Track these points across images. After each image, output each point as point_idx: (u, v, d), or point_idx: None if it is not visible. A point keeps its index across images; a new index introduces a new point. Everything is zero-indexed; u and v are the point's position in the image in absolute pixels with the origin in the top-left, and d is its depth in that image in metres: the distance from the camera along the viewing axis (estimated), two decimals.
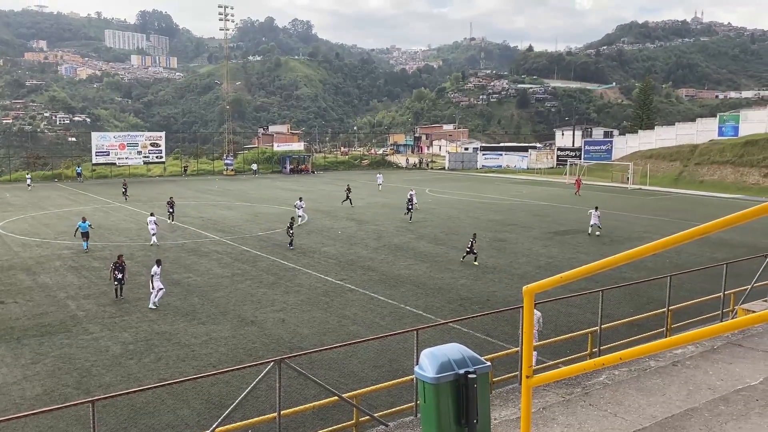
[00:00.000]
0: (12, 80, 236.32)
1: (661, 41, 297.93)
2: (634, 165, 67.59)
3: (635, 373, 10.17)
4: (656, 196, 55.47)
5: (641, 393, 9.32)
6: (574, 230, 34.78)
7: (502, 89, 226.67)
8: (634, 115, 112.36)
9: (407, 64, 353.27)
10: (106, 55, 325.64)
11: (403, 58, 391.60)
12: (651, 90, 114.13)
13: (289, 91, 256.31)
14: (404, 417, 9.87)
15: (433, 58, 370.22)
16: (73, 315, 18.95)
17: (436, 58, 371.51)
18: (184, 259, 26.88)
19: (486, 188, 61.00)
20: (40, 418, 11.77)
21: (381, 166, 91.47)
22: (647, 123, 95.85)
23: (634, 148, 79.79)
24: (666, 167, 70.99)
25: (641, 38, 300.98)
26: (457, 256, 27.73)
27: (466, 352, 6.40)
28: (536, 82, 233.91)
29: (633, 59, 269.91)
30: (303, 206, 36.47)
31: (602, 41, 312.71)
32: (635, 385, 9.66)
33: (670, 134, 77.76)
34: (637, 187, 63.22)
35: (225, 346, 16.35)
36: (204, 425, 10.82)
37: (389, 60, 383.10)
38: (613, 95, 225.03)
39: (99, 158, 71.43)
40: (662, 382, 9.72)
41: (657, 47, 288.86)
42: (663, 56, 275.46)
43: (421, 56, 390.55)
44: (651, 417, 8.46)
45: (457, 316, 18.00)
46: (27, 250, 28.50)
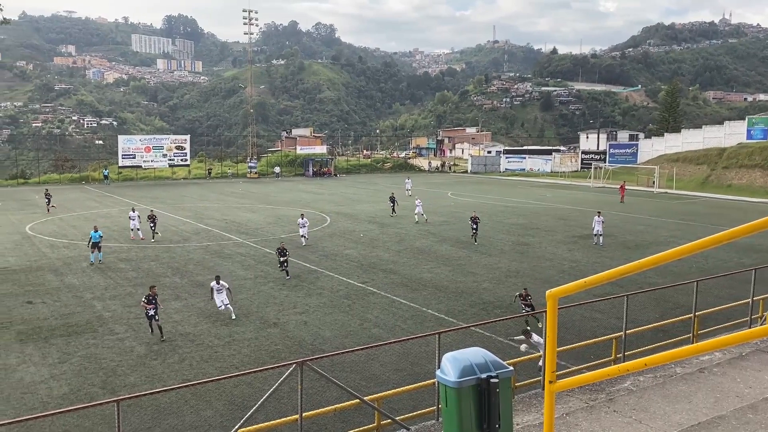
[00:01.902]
0: (41, 84, 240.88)
1: (688, 43, 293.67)
2: (660, 168, 66.66)
3: (661, 379, 10.02)
4: (682, 200, 54.66)
5: (667, 400, 9.18)
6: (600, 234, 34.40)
7: (526, 92, 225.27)
8: (660, 118, 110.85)
9: (430, 67, 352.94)
10: (132, 59, 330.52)
11: (426, 61, 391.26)
12: (677, 92, 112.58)
13: (312, 94, 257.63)
14: (426, 421, 9.84)
15: (456, 61, 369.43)
16: (99, 315, 19.24)
17: (459, 61, 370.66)
18: (208, 261, 27.14)
19: (509, 192, 60.63)
20: (67, 417, 11.96)
21: (403, 170, 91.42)
22: (674, 126, 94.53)
23: (660, 151, 78.73)
24: (693, 171, 69.93)
25: (667, 40, 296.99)
26: (479, 260, 27.62)
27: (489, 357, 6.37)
28: (560, 84, 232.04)
29: (659, 61, 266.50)
30: (306, 224, 31.22)
31: (627, 43, 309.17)
32: (661, 391, 9.52)
33: (697, 137, 76.60)
34: (662, 190, 62.36)
35: (248, 348, 16.46)
36: (227, 426, 10.89)
37: (412, 63, 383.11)
38: (638, 98, 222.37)
39: (125, 161, 72.42)
40: (688, 389, 9.56)
41: (684, 49, 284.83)
42: (690, 58, 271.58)
43: (444, 59, 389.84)
44: (677, 424, 8.34)
45: (480, 320, 17.90)
46: (55, 252, 28.99)
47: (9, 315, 19.19)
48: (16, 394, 13.49)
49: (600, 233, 31.43)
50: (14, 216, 41.07)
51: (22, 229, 35.62)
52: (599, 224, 31.42)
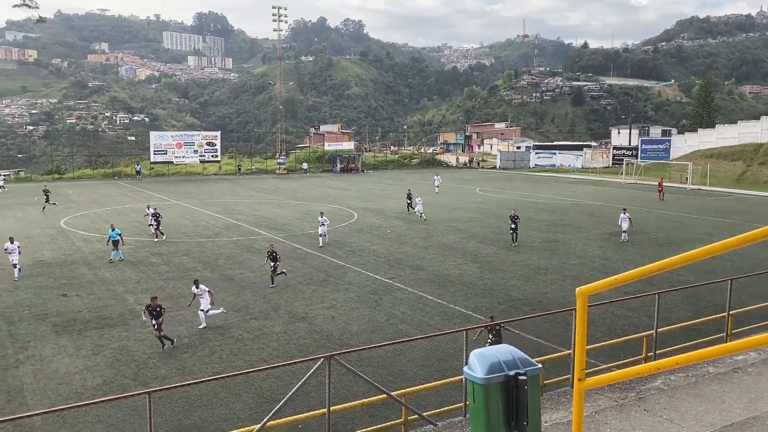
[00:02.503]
0: (76, 81, 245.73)
1: (724, 36, 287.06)
2: (694, 165, 65.38)
3: (693, 379, 9.86)
4: (717, 197, 53.55)
5: (699, 399, 9.03)
6: (630, 231, 33.89)
7: (556, 87, 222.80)
8: (693, 113, 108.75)
9: (458, 62, 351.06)
10: (164, 56, 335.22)
11: (455, 56, 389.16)
12: (712, 87, 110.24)
13: (341, 90, 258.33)
14: (453, 417, 9.83)
15: (485, 56, 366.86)
16: (132, 309, 19.59)
17: (488, 55, 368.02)
18: (238, 256, 27.44)
19: (539, 188, 60.08)
20: (100, 408, 12.22)
21: (431, 165, 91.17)
22: (708, 121, 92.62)
23: (694, 147, 77.20)
24: (727, 167, 68.43)
25: (702, 34, 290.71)
26: (507, 257, 27.45)
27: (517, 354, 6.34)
28: (591, 79, 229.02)
29: (693, 55, 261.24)
30: (326, 223, 29.92)
31: (660, 37, 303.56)
32: (693, 391, 9.37)
33: (733, 133, 74.89)
34: (696, 187, 61.16)
35: (276, 342, 16.61)
36: (255, 419, 11.01)
37: (440, 58, 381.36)
38: (671, 93, 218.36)
39: (157, 157, 73.51)
40: (721, 389, 9.39)
41: (719, 43, 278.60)
42: (725, 52, 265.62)
43: (473, 54, 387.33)
44: (709, 425, 8.20)
45: (508, 318, 17.80)
46: (88, 246, 29.58)
47: (45, 307, 19.67)
48: (51, 385, 13.82)
49: (626, 230, 31.07)
50: (50, 210, 41.98)
51: (57, 223, 36.41)
52: (626, 221, 31.10)
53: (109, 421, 11.97)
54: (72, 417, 12.00)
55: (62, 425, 11.78)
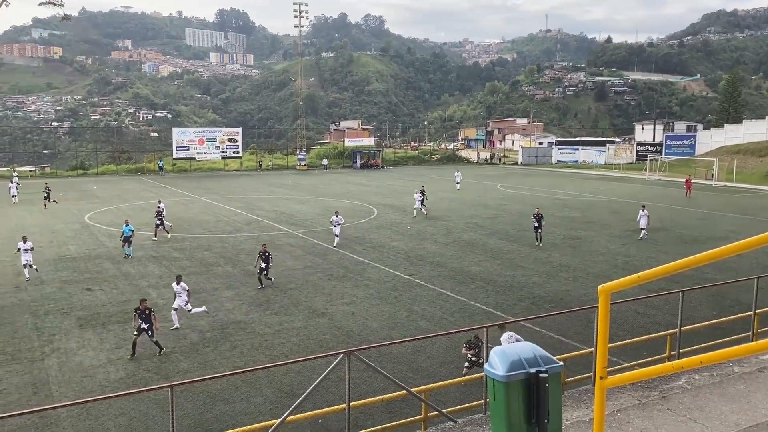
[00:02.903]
0: (100, 78, 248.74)
1: (752, 30, 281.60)
2: (719, 161, 64.35)
3: (717, 378, 9.72)
4: (743, 194, 52.65)
5: (724, 399, 8.90)
6: (655, 228, 33.46)
7: (579, 82, 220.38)
8: (720, 109, 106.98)
9: (480, 58, 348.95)
10: (186, 52, 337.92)
11: (476, 52, 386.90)
12: (739, 82, 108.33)
13: (361, 86, 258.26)
14: (473, 414, 9.79)
15: (507, 51, 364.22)
16: (154, 303, 19.77)
17: (510, 50, 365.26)
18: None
19: (561, 184, 59.59)
20: (123, 401, 12.39)
21: (451, 161, 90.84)
22: (734, 116, 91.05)
23: (720, 143, 75.98)
24: (755, 163, 67.22)
25: (729, 27, 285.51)
26: (529, 254, 27.27)
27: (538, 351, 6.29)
28: (615, 74, 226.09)
29: (720, 50, 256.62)
30: (341, 222, 29.19)
31: (686, 31, 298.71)
32: (717, 390, 9.23)
33: (761, 128, 73.57)
34: (722, 184, 60.20)
35: (297, 337, 16.70)
36: (276, 413, 11.08)
37: (462, 53, 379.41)
38: (697, 88, 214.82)
39: (179, 153, 74.19)
40: (747, 389, 9.24)
41: (747, 36, 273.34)
42: (753, 46, 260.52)
43: (495, 49, 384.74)
44: (734, 425, 8.07)
45: (529, 315, 17.70)
46: (112, 241, 29.96)
47: (70, 301, 19.97)
48: (76, 377, 14.04)
49: (644, 227, 30.74)
50: (74, 206, 42.64)
51: (82, 218, 36.94)
52: (644, 218, 30.81)
53: (132, 414, 12.13)
54: (96, 409, 12.17)
55: (86, 417, 11.97)
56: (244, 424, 10.58)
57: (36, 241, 29.61)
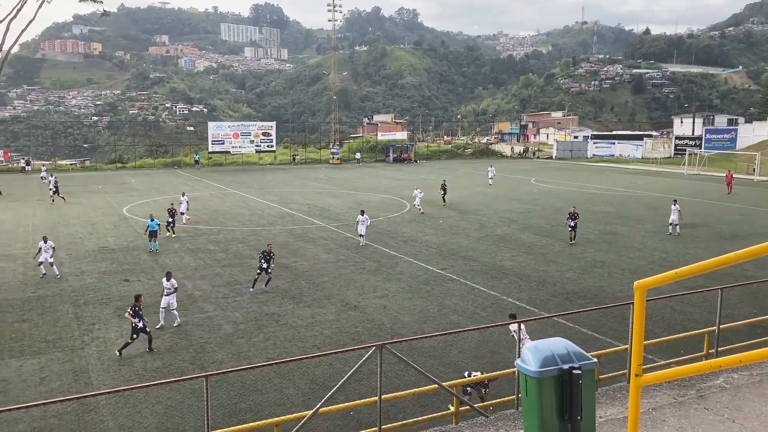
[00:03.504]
0: (138, 73, 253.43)
1: None
2: (762, 155, 62.55)
3: (757, 377, 9.48)
4: None
5: (764, 399, 8.69)
6: (692, 224, 32.78)
7: (616, 74, 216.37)
8: (762, 101, 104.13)
9: (514, 50, 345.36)
10: (221, 47, 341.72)
11: (511, 44, 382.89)
12: None
13: (394, 80, 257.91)
14: (505, 410, 9.75)
15: (542, 44, 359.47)
16: (190, 294, 20.16)
17: (546, 43, 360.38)
18: (292, 244, 27.86)
19: (596, 178, 58.70)
20: (160, 389, 12.66)
21: (484, 155, 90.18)
22: None
23: (762, 136, 73.89)
24: None
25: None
26: (563, 249, 26.97)
27: (571, 347, 6.23)
28: (653, 66, 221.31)
29: (763, 40, 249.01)
30: (366, 222, 27.68)
31: (728, 22, 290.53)
32: (757, 390, 9.01)
33: None
34: (764, 178, 58.55)
35: (329, 329, 16.82)
36: (308, 405, 11.19)
37: (496, 46, 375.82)
38: (739, 80, 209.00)
39: (215, 147, 75.16)
40: None
41: None
42: None
43: (530, 42, 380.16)
44: None
45: (563, 310, 17.51)
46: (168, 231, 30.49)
47: (108, 291, 20.45)
48: (114, 366, 14.39)
49: (676, 222, 30.20)
50: (113, 198, 43.57)
51: (120, 211, 37.73)
52: (676, 213, 30.23)
53: (168, 402, 12.38)
54: (133, 397, 12.46)
55: (124, 405, 12.26)
56: (277, 414, 10.71)
57: (76, 233, 30.45)
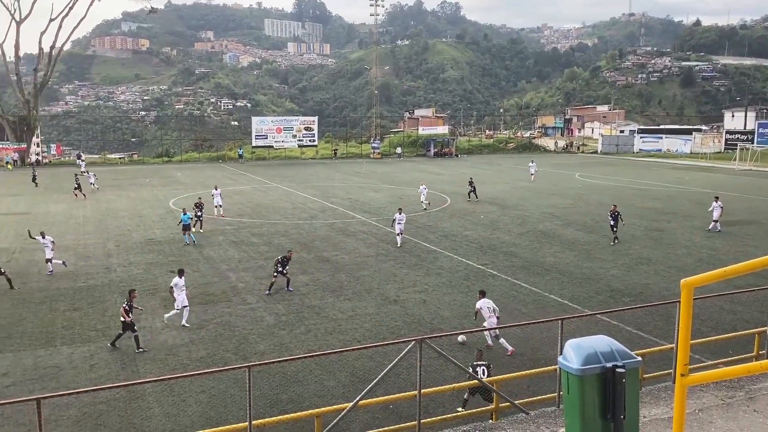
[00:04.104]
0: (184, 69, 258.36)
1: None
2: None
3: None
4: None
5: None
6: (743, 221, 31.79)
7: (664, 67, 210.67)
8: None
9: (559, 43, 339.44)
10: (265, 43, 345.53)
11: (555, 37, 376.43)
12: None
13: (436, 74, 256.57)
14: (546, 407, 9.66)
15: (588, 36, 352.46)
16: (234, 286, 20.52)
17: (591, 35, 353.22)
18: (333, 238, 28.07)
19: (643, 174, 57.40)
20: (204, 379, 12.94)
21: (527, 150, 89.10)
22: None
23: None
24: None
25: None
26: (608, 245, 26.48)
27: (615, 346, 6.13)
28: (703, 59, 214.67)
29: None
30: (403, 220, 26.53)
31: None
32: None
33: None
34: None
35: (369, 323, 16.91)
36: (348, 397, 11.28)
37: (540, 39, 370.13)
38: None
39: (258, 141, 76.16)
40: None
41: None
42: None
43: (575, 34, 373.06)
44: None
45: (606, 308, 17.21)
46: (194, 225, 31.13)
47: (155, 282, 20.97)
48: (160, 355, 14.76)
49: (716, 219, 29.44)
50: (159, 192, 44.61)
51: (166, 204, 38.60)
52: (717, 210, 29.49)
53: (212, 392, 12.64)
54: (178, 386, 12.77)
55: (170, 393, 12.57)
56: (318, 406, 10.83)
57: (124, 225, 31.30)
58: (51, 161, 71.58)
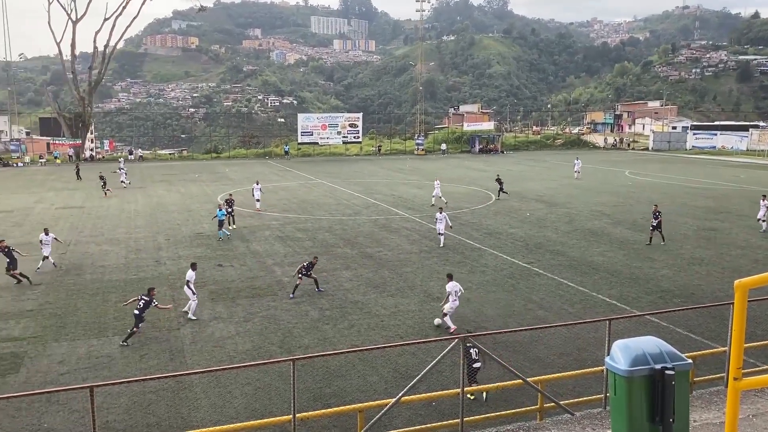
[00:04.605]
0: (232, 66, 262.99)
1: None
2: None
3: None
4: None
5: None
6: None
7: (720, 61, 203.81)
8: None
9: (609, 37, 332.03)
10: (311, 40, 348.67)
11: (605, 31, 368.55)
12: None
13: (482, 69, 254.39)
14: (592, 408, 9.50)
15: (639, 30, 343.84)
16: (279, 280, 20.80)
17: (643, 29, 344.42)
18: (377, 234, 28.15)
19: (696, 171, 55.74)
20: (249, 371, 13.17)
21: (575, 146, 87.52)
22: None
23: None
24: None
25: None
26: (658, 245, 25.81)
27: (664, 347, 5.99)
28: (762, 52, 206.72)
29: None
30: (444, 219, 25.77)
31: None
32: None
33: None
34: None
35: (412, 319, 16.91)
36: (390, 393, 11.32)
37: (589, 33, 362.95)
38: None
39: (304, 138, 76.93)
40: None
41: None
42: None
43: (626, 28, 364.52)
44: None
45: (656, 309, 16.80)
46: (241, 221, 31.68)
47: (203, 276, 21.40)
48: (207, 347, 15.08)
49: (763, 219, 28.38)
50: (208, 187, 45.53)
51: (215, 199, 39.34)
52: (764, 209, 28.46)
53: (257, 384, 12.85)
54: (225, 378, 13.03)
55: (216, 384, 12.83)
56: (360, 400, 10.90)
57: (173, 220, 32.06)
58: (104, 156, 73.84)
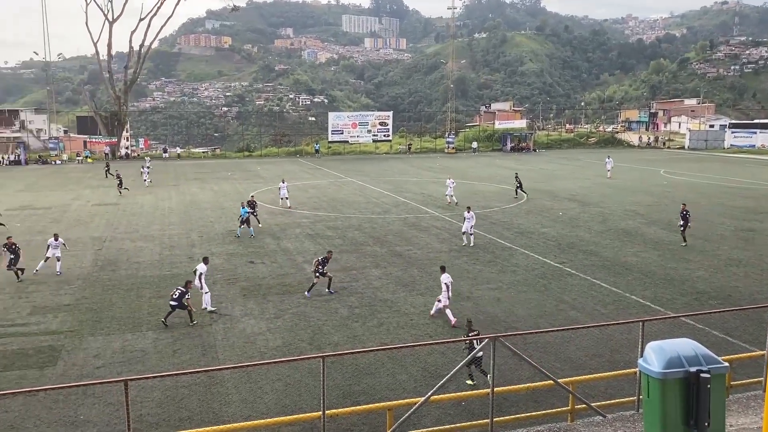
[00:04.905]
0: (264, 65, 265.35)
1: None
2: None
3: None
4: None
5: None
6: None
7: (760, 58, 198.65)
8: None
9: (644, 34, 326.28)
10: (342, 39, 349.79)
11: (640, 28, 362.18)
12: None
13: (514, 67, 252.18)
14: (624, 411, 9.36)
15: (676, 26, 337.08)
16: (309, 278, 20.86)
17: (680, 26, 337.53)
18: (406, 233, 28.12)
19: (734, 171, 54.45)
20: (279, 367, 13.28)
21: (609, 144, 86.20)
22: None
23: None
24: None
25: None
26: (694, 245, 25.28)
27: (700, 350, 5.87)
28: None
29: None
30: (472, 218, 25.49)
31: None
32: None
33: None
34: None
35: (441, 318, 16.85)
36: (420, 392, 11.30)
37: (624, 30, 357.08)
38: None
39: (334, 136, 77.23)
40: None
41: None
42: None
43: (661, 25, 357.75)
44: None
45: (691, 311, 16.46)
46: (273, 218, 31.97)
47: (235, 272, 21.67)
48: (239, 343, 15.25)
49: None
50: (240, 185, 46.00)
51: (247, 197, 39.71)
52: None
53: (288, 380, 12.95)
54: (255, 373, 13.16)
55: (247, 380, 12.97)
56: (389, 399, 10.91)
57: (206, 217, 32.49)
58: (139, 154, 75.16)
